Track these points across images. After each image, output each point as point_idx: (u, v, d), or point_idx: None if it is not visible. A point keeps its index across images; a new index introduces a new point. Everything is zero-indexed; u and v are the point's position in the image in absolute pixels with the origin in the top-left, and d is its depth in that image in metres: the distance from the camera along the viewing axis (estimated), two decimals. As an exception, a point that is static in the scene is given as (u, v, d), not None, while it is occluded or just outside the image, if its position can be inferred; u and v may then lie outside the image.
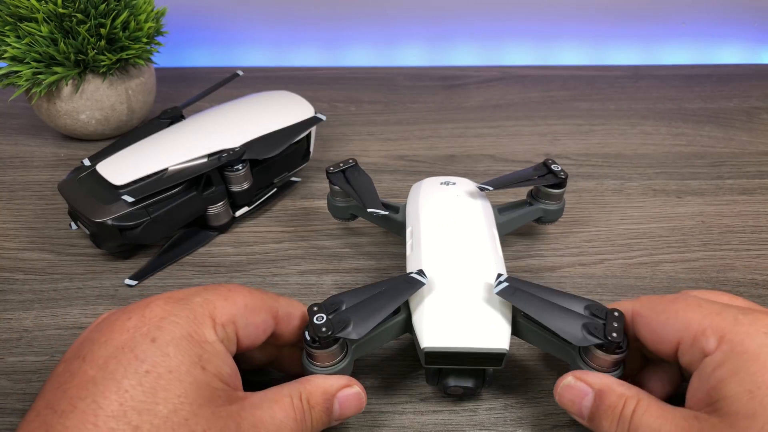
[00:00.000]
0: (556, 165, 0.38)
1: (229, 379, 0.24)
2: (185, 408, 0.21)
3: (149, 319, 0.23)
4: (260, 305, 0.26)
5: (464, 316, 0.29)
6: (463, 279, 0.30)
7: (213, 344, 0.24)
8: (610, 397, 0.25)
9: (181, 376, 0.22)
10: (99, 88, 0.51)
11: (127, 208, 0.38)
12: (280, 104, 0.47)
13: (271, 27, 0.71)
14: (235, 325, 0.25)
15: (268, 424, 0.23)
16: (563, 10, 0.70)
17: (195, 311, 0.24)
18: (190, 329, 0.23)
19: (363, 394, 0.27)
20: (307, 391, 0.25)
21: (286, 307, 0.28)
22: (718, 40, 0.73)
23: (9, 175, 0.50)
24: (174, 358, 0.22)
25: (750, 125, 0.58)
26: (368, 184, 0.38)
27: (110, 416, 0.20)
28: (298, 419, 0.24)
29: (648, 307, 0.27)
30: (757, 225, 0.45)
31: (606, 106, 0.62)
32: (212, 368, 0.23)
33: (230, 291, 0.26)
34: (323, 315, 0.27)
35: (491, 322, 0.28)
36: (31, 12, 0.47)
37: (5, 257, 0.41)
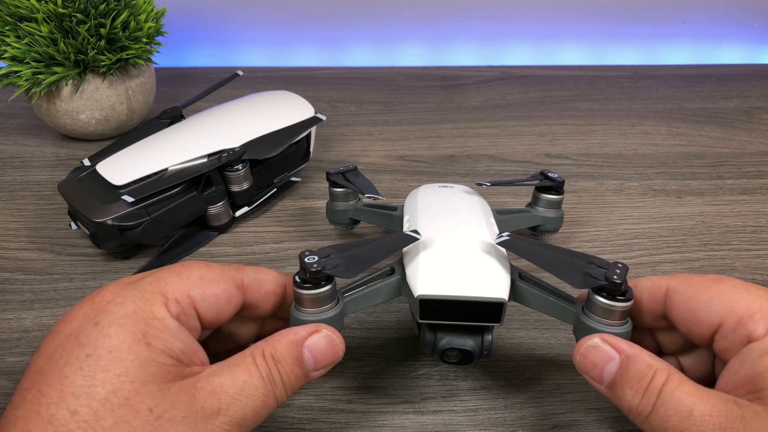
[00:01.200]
0: (553, 174, 0.39)
1: (182, 355, 0.23)
2: (126, 387, 0.21)
3: (97, 304, 0.23)
4: (219, 276, 0.25)
5: (461, 265, 0.28)
6: (460, 237, 0.30)
7: (162, 320, 0.23)
8: (638, 364, 0.23)
9: (122, 355, 0.21)
10: (99, 88, 0.51)
11: (127, 208, 0.38)
12: (280, 104, 0.47)
13: (271, 27, 0.71)
14: (192, 298, 0.24)
15: (229, 388, 0.22)
16: (563, 11, 0.70)
17: (144, 290, 0.23)
18: (135, 307, 0.23)
19: (336, 338, 0.25)
20: (270, 347, 0.24)
21: (252, 274, 0.27)
22: (717, 40, 0.73)
23: (9, 175, 0.50)
24: (114, 338, 0.22)
25: (750, 125, 0.58)
26: (368, 182, 0.38)
27: (51, 403, 0.20)
28: (264, 377, 0.23)
29: (687, 285, 0.25)
30: (757, 225, 0.45)
31: (606, 106, 0.62)
32: (159, 344, 0.22)
33: (183, 267, 0.25)
34: (314, 256, 0.26)
35: (489, 272, 0.27)
36: (31, 12, 0.47)
37: (5, 257, 0.41)
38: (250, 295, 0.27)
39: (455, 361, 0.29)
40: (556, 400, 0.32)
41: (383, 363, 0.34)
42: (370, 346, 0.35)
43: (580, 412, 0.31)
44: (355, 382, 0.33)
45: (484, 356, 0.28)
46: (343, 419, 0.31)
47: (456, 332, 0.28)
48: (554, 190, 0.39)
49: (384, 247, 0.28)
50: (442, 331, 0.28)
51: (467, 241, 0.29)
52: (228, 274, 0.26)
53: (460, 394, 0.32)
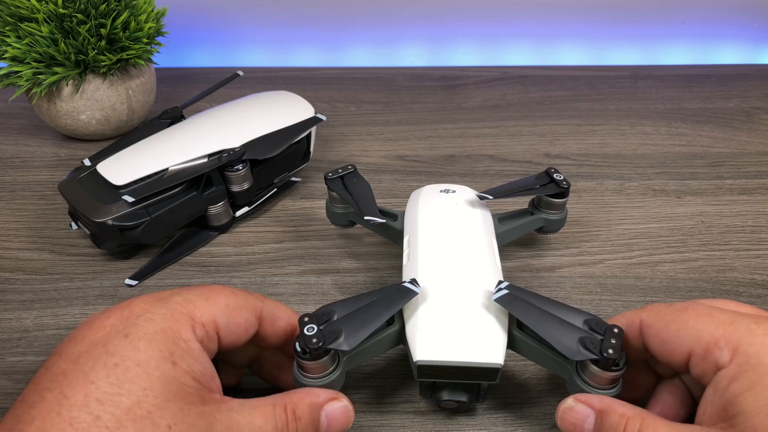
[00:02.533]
0: (559, 174, 0.38)
1: (203, 378, 0.23)
2: (149, 401, 0.21)
3: (127, 317, 0.24)
4: (242, 305, 0.26)
5: (458, 328, 0.28)
6: (459, 290, 0.30)
7: (188, 342, 0.24)
8: (611, 417, 0.24)
9: (149, 370, 0.22)
10: (99, 88, 0.51)
11: (128, 208, 0.38)
12: (280, 104, 0.47)
13: (271, 27, 0.71)
14: (216, 324, 0.25)
15: (243, 428, 0.23)
16: (563, 11, 0.70)
17: (173, 309, 0.24)
18: (165, 325, 0.23)
19: (351, 409, 0.26)
20: (292, 402, 0.25)
21: (271, 308, 0.28)
22: (717, 41, 0.73)
23: (9, 175, 0.50)
24: (144, 352, 0.22)
25: (749, 125, 0.58)
26: (367, 191, 0.37)
27: (74, 406, 0.20)
28: (279, 428, 0.24)
29: (656, 317, 0.26)
30: (757, 225, 0.45)
31: (606, 106, 0.62)
32: (184, 365, 0.23)
33: (211, 291, 0.26)
34: (314, 326, 0.26)
35: (486, 336, 0.28)
36: (32, 12, 0.47)
37: (6, 257, 0.41)
38: (264, 327, 0.27)
39: (452, 408, 0.30)
40: (555, 400, 0.32)
41: (383, 363, 0.34)
42: (370, 345, 0.35)
43: (579, 411, 0.31)
44: (355, 381, 0.33)
45: (480, 401, 0.30)
46: (343, 419, 0.31)
47: (453, 387, 0.29)
48: (559, 194, 0.38)
49: (385, 308, 0.28)
50: (439, 386, 0.29)
51: (466, 297, 0.29)
52: (250, 304, 0.27)
53: (459, 393, 0.32)
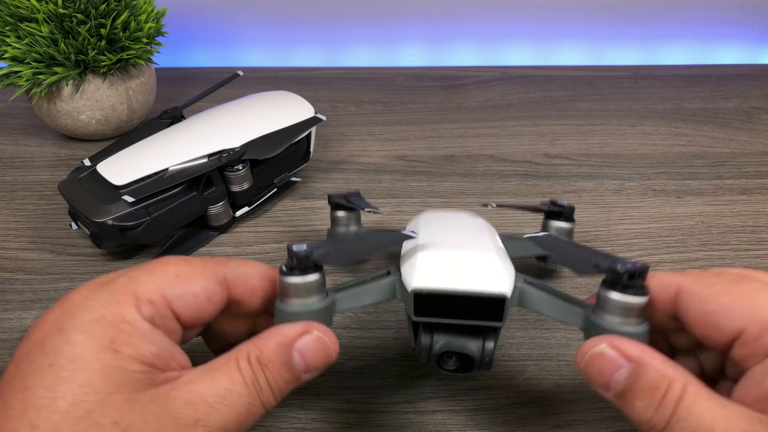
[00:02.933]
0: (563, 200, 0.37)
1: (156, 360, 0.21)
2: (88, 398, 0.19)
3: (67, 309, 0.22)
4: (197, 272, 0.23)
5: (459, 259, 0.26)
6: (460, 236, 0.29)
7: (133, 324, 0.21)
8: (650, 373, 0.20)
9: (86, 364, 0.20)
10: (99, 88, 0.51)
11: (128, 208, 0.38)
12: (280, 104, 0.47)
13: (271, 27, 0.71)
14: (166, 297, 0.22)
15: (208, 396, 0.20)
16: (563, 11, 0.70)
17: (115, 291, 0.22)
18: (104, 311, 0.21)
19: (329, 339, 0.23)
20: (256, 349, 0.22)
21: (237, 268, 0.25)
22: (717, 41, 0.73)
23: (9, 175, 0.50)
24: (79, 345, 0.20)
25: (749, 125, 0.58)
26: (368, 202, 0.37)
27: (14, 417, 0.19)
28: (248, 383, 0.21)
29: (703, 285, 0.22)
30: (757, 225, 0.45)
31: (605, 106, 0.62)
32: (128, 350, 0.20)
33: (159, 263, 0.23)
34: (303, 244, 0.24)
35: (490, 266, 0.25)
36: (32, 12, 0.47)
37: (6, 257, 0.41)
38: (235, 290, 0.25)
39: (453, 369, 0.27)
40: (556, 399, 0.32)
41: (383, 363, 0.34)
42: (370, 346, 0.35)
43: (580, 411, 0.31)
44: (355, 382, 0.33)
45: (485, 365, 0.26)
46: (343, 419, 0.31)
47: (454, 335, 0.26)
48: (564, 217, 0.37)
49: (377, 242, 0.26)
50: (439, 333, 0.26)
51: (468, 238, 0.28)
52: (208, 269, 0.24)
53: (459, 393, 0.32)
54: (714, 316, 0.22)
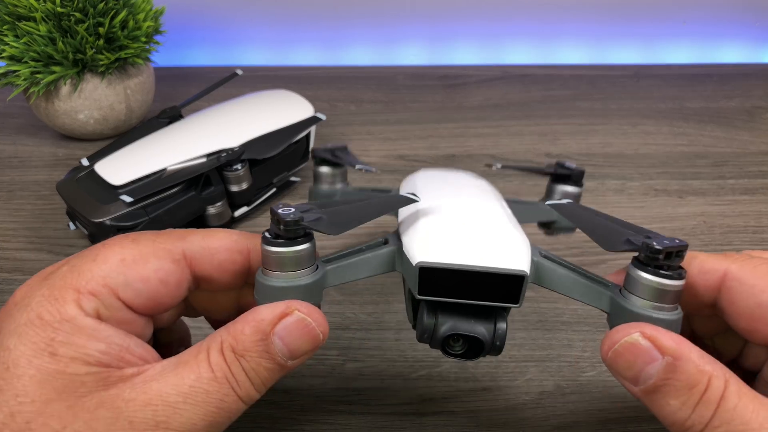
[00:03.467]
0: (571, 163, 0.35)
1: (106, 358, 0.19)
2: (25, 409, 0.17)
3: (8, 308, 0.20)
4: (147, 253, 0.20)
5: (472, 230, 0.22)
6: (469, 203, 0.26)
7: (73, 320, 0.19)
8: (688, 368, 0.18)
9: (21, 371, 0.18)
10: (97, 87, 0.51)
11: (126, 208, 0.38)
12: (279, 104, 0.47)
13: (271, 26, 0.71)
14: (110, 288, 0.20)
15: (169, 396, 0.18)
16: (564, 10, 0.70)
17: (54, 286, 0.19)
18: (40, 310, 0.19)
19: (314, 319, 0.20)
20: (230, 337, 0.19)
21: (197, 242, 0.22)
22: (719, 40, 0.73)
23: (7, 174, 0.50)
24: (14, 351, 0.18)
25: (752, 125, 0.58)
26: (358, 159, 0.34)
27: None
28: (218, 378, 0.19)
29: (755, 274, 0.20)
30: (759, 225, 0.44)
31: (607, 105, 0.62)
32: (69, 351, 0.18)
33: (103, 247, 0.21)
34: (290, 207, 0.21)
35: (507, 240, 0.22)
36: (30, 11, 0.46)
37: (4, 257, 0.41)
38: (199, 267, 0.22)
39: (460, 353, 0.23)
40: (557, 401, 0.31)
41: (383, 363, 0.34)
42: (370, 346, 0.34)
43: (581, 413, 0.31)
44: (355, 383, 0.32)
45: (496, 349, 0.22)
46: (343, 419, 0.31)
47: (462, 315, 0.22)
48: (572, 181, 0.34)
49: (375, 207, 0.23)
50: (444, 314, 0.22)
51: (478, 206, 0.25)
52: (161, 248, 0.21)
53: (460, 395, 0.32)
54: (761, 310, 0.20)
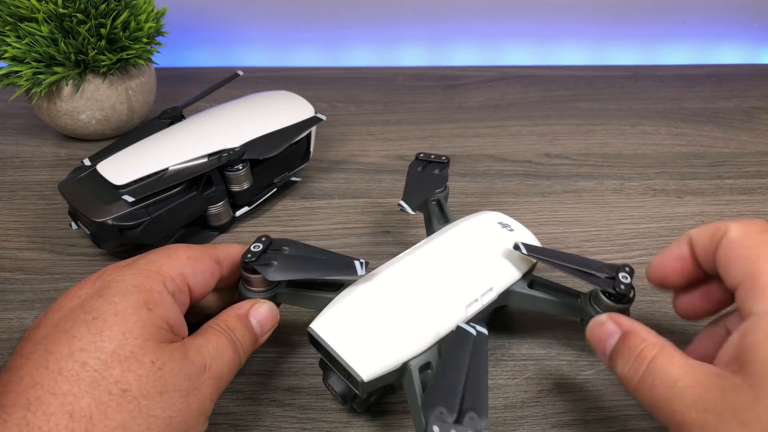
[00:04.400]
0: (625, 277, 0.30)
1: (174, 325, 0.26)
2: (130, 342, 0.23)
3: (99, 285, 0.25)
4: (201, 254, 0.29)
5: (361, 323, 0.28)
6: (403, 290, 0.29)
7: (160, 293, 0.26)
8: (633, 339, 0.25)
9: (126, 317, 0.24)
10: (99, 88, 0.51)
11: (128, 208, 0.38)
12: (280, 104, 0.47)
13: (271, 27, 0.71)
14: (184, 275, 0.27)
15: (208, 346, 0.26)
16: (563, 11, 0.70)
17: (141, 269, 0.26)
18: (136, 282, 0.25)
19: (274, 307, 0.30)
20: (222, 319, 0.28)
21: (224, 250, 0.30)
22: (717, 40, 0.73)
23: (9, 175, 0.50)
24: (119, 304, 0.24)
25: (750, 125, 0.58)
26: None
27: (60, 358, 0.22)
28: (228, 339, 0.27)
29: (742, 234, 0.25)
30: (757, 225, 0.45)
31: (606, 106, 0.62)
32: (159, 311, 0.25)
33: (171, 249, 0.28)
34: (260, 245, 0.30)
35: (377, 347, 0.27)
36: (32, 12, 0.47)
37: (5, 257, 0.41)
38: (224, 268, 0.30)
39: (332, 395, 0.30)
40: (556, 399, 0.32)
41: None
42: (370, 345, 0.35)
43: (579, 411, 0.31)
44: (355, 382, 0.33)
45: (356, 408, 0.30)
46: (343, 419, 0.31)
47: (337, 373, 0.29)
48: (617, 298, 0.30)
49: (322, 269, 0.29)
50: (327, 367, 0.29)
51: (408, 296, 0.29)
52: (207, 252, 0.29)
53: (460, 393, 0.32)
54: (729, 262, 0.25)
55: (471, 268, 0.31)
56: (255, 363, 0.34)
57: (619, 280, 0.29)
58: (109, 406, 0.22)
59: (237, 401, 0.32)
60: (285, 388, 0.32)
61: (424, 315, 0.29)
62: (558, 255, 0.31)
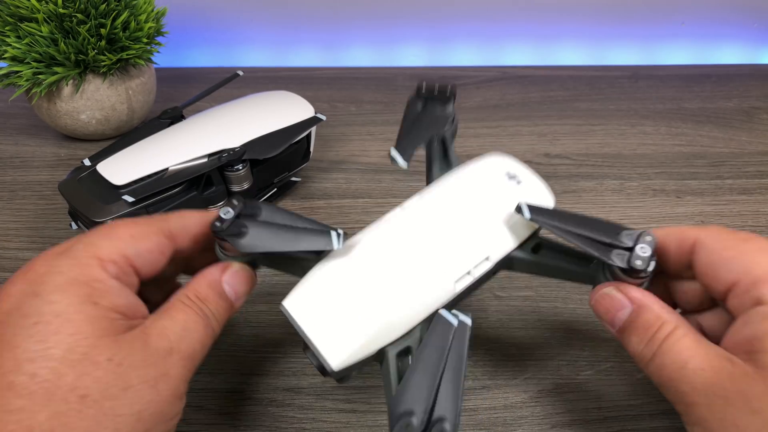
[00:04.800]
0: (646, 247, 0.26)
1: (128, 311, 0.24)
2: (81, 343, 0.21)
3: (32, 279, 0.23)
4: (148, 230, 0.26)
5: (336, 303, 0.25)
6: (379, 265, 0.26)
7: (103, 281, 0.23)
8: (647, 314, 0.24)
9: (71, 316, 0.22)
10: (99, 88, 0.51)
11: (128, 208, 0.38)
12: (280, 104, 0.47)
13: (271, 27, 0.71)
14: (126, 257, 0.25)
15: (174, 327, 0.24)
16: (563, 11, 0.70)
17: (78, 258, 0.24)
18: (73, 274, 0.23)
19: (247, 268, 0.28)
20: (192, 290, 0.26)
21: (177, 222, 0.27)
22: (717, 41, 0.73)
23: (9, 175, 0.50)
24: (59, 303, 0.22)
25: (749, 125, 0.58)
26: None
27: (7, 372, 0.20)
28: (197, 313, 0.25)
29: (716, 239, 0.25)
30: (757, 225, 0.45)
31: (605, 106, 0.62)
32: (106, 302, 0.23)
33: (112, 227, 0.25)
34: (231, 211, 0.26)
35: (352, 331, 0.25)
36: (32, 12, 0.47)
37: (6, 257, 0.41)
38: (179, 241, 0.27)
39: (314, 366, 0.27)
40: (555, 400, 0.32)
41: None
42: (370, 345, 0.35)
43: (579, 411, 0.31)
44: (355, 382, 0.33)
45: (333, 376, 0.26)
46: (343, 419, 0.31)
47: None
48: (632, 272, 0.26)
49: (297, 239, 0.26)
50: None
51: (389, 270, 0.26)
52: (155, 227, 0.26)
53: (459, 393, 0.32)
54: (715, 267, 0.25)
55: (465, 234, 0.27)
56: (255, 363, 0.34)
57: (636, 253, 0.25)
58: (68, 416, 0.20)
59: (237, 401, 0.32)
60: (285, 389, 0.32)
61: (406, 294, 0.26)
62: (569, 219, 0.27)
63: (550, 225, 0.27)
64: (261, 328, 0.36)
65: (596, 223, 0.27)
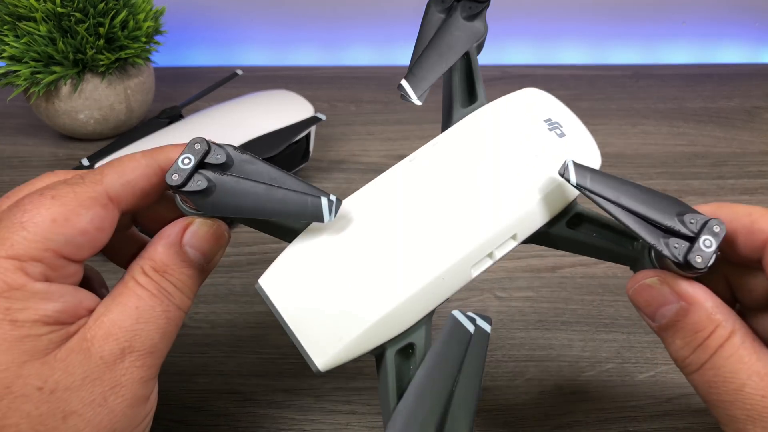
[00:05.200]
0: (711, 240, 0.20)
1: (63, 315, 0.19)
2: (2, 376, 0.18)
3: None
4: (75, 207, 0.20)
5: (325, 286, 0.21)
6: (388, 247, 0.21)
7: (23, 288, 0.19)
8: (697, 314, 0.20)
9: None
10: (98, 87, 0.51)
11: (126, 207, 0.38)
12: (279, 104, 0.47)
13: (270, 26, 0.71)
14: (53, 250, 0.20)
15: (125, 320, 0.20)
16: (564, 10, 0.70)
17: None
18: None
19: (216, 225, 0.22)
20: (148, 261, 0.21)
21: (116, 180, 0.21)
22: (719, 40, 0.73)
23: (7, 174, 0.50)
24: None
25: (751, 125, 0.58)
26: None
27: None
28: (155, 293, 0.21)
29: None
30: (759, 225, 0.44)
31: (607, 105, 0.62)
32: (29, 315, 0.19)
33: (26, 213, 0.20)
34: (191, 158, 0.21)
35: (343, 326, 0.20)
36: (30, 11, 0.46)
37: (3, 257, 0.41)
38: (123, 203, 0.22)
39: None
40: (557, 401, 0.31)
41: (383, 364, 0.34)
42: (369, 346, 0.34)
43: (581, 412, 0.31)
44: (355, 383, 0.32)
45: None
46: (343, 420, 0.31)
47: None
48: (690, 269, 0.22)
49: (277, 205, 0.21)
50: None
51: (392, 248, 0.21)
52: (86, 196, 0.21)
53: (460, 395, 0.32)
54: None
55: (488, 203, 0.22)
56: (254, 364, 0.34)
57: (698, 246, 0.20)
58: None
59: (236, 402, 0.31)
60: (284, 390, 0.32)
61: (411, 279, 0.21)
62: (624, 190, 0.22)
63: (600, 197, 0.21)
64: (261, 328, 0.36)
65: (655, 198, 0.22)
